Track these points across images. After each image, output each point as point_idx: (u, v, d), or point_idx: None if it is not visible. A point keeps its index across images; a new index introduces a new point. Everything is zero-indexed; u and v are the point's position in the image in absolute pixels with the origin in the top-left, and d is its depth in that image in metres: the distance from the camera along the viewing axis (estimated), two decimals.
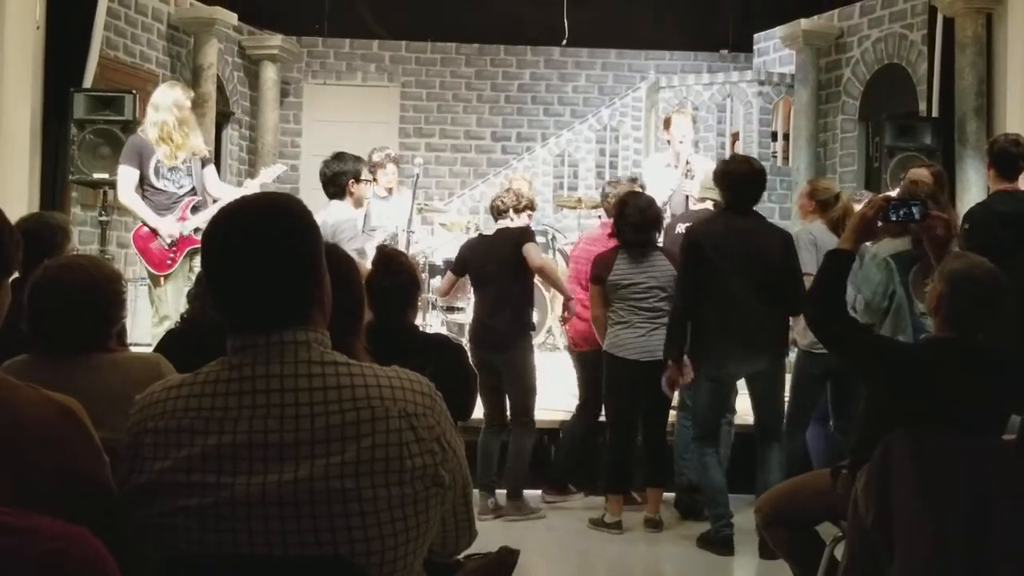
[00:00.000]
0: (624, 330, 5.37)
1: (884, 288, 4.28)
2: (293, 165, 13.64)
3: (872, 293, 4.31)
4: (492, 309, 5.65)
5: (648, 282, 5.34)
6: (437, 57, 13.97)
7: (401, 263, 3.82)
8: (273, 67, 12.94)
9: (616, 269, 5.38)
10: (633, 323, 5.35)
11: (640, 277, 5.35)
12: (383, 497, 1.58)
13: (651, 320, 5.32)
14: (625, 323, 5.37)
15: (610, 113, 12.79)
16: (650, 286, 5.33)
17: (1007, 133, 5.60)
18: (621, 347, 5.36)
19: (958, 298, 3.07)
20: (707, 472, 5.08)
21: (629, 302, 5.36)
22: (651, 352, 5.25)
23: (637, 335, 5.33)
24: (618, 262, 5.39)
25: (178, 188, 6.22)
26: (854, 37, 11.52)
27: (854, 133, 11.52)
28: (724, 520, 5.00)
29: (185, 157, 6.22)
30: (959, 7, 8.92)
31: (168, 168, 6.18)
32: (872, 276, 4.31)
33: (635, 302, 5.35)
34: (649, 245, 5.42)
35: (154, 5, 10.98)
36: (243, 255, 1.66)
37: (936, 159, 8.29)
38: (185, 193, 6.23)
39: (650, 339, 5.29)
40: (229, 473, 1.58)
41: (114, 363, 2.65)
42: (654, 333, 5.28)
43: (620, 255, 5.42)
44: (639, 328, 5.33)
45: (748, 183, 5.01)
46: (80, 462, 1.68)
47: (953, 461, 2.91)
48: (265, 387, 1.62)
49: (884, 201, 3.35)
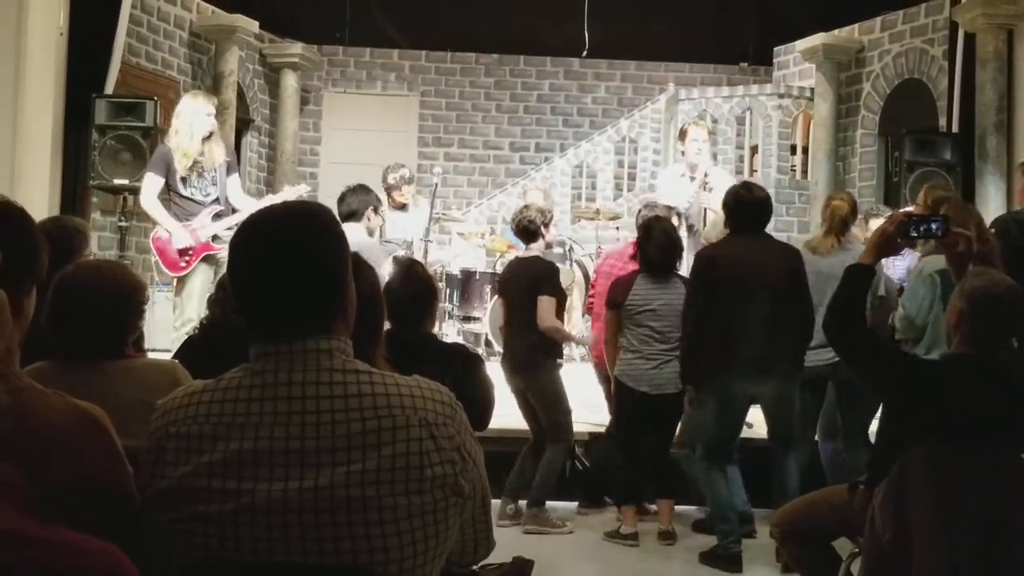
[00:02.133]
0: (637, 359, 5.37)
1: (929, 304, 4.29)
2: (312, 173, 13.71)
3: (917, 309, 4.33)
4: (516, 333, 5.68)
5: (665, 308, 5.33)
6: (457, 67, 14.01)
7: (418, 273, 3.83)
8: (293, 75, 13.00)
9: (634, 293, 5.38)
10: (645, 353, 5.35)
11: (657, 303, 5.35)
12: (403, 506, 1.58)
13: (664, 351, 5.30)
14: (638, 352, 5.37)
15: (629, 124, 12.79)
16: (667, 312, 5.32)
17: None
18: (632, 377, 5.38)
19: (977, 315, 3.06)
20: (713, 488, 5.06)
21: (644, 328, 5.36)
22: (661, 386, 5.29)
23: (649, 367, 5.33)
24: (636, 287, 5.39)
25: (204, 196, 6.35)
26: (874, 51, 11.50)
27: (873, 148, 11.49)
28: (733, 536, 4.96)
29: (208, 166, 6.32)
30: (980, 23, 8.90)
31: (197, 176, 6.31)
32: (917, 291, 4.33)
33: (650, 329, 5.35)
34: (670, 269, 5.42)
35: (176, 12, 11.05)
36: (268, 263, 1.68)
37: (956, 174, 8.30)
38: (211, 202, 6.35)
39: (661, 372, 5.29)
40: (250, 479, 1.59)
41: (131, 370, 2.66)
42: (666, 366, 5.28)
43: (639, 279, 5.41)
44: (651, 360, 5.33)
45: (748, 210, 5.07)
46: (105, 471, 1.69)
47: (970, 479, 2.90)
48: (287, 394, 1.63)
49: (905, 217, 3.35)
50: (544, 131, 14.02)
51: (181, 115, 6.34)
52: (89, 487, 1.65)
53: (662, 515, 5.41)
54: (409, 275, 3.75)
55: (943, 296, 4.14)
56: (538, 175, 12.65)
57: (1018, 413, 3.11)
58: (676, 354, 5.24)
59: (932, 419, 3.05)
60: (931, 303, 4.28)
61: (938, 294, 4.21)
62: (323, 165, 13.82)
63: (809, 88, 11.99)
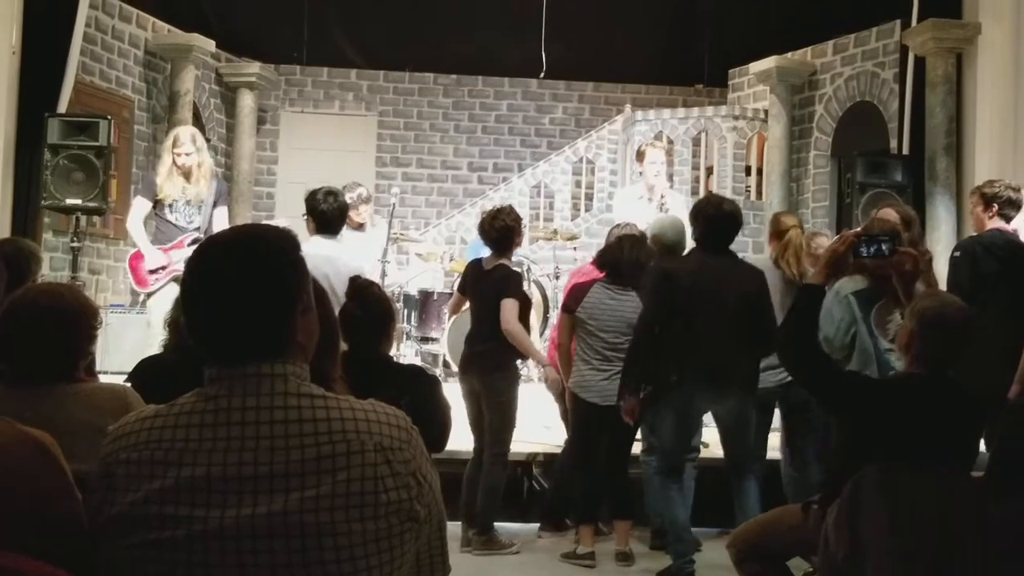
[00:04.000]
0: (589, 370, 5.37)
1: (847, 325, 4.31)
2: (269, 193, 13.65)
3: (835, 330, 4.34)
4: (478, 336, 5.62)
5: (617, 320, 5.32)
6: (415, 87, 14.03)
7: (374, 294, 3.81)
8: (250, 94, 12.94)
9: (587, 302, 5.38)
10: (596, 364, 5.35)
11: (608, 313, 5.35)
12: (358, 531, 1.57)
13: (615, 361, 5.30)
14: (589, 363, 5.38)
15: (586, 145, 12.87)
16: (618, 324, 5.32)
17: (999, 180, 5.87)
18: (584, 388, 5.38)
19: (928, 336, 3.11)
20: (670, 507, 5.06)
21: (595, 339, 5.36)
22: (611, 397, 5.28)
23: (600, 378, 5.33)
24: (590, 295, 5.39)
25: (187, 223, 6.61)
26: (827, 74, 11.67)
27: (826, 169, 11.65)
28: (686, 557, 4.95)
29: (194, 197, 6.60)
30: (930, 47, 9.06)
31: (184, 203, 6.59)
32: (833, 313, 4.35)
33: (602, 340, 5.35)
34: (634, 279, 5.40)
35: (131, 31, 10.98)
36: (218, 285, 1.66)
37: (906, 196, 8.41)
38: (192, 229, 6.59)
39: (612, 383, 5.28)
40: (203, 506, 1.57)
41: (81, 393, 2.63)
42: (616, 377, 5.27)
43: (595, 288, 5.41)
44: (602, 371, 5.33)
45: (716, 223, 5.04)
46: (55, 498, 1.67)
47: (922, 498, 2.93)
48: (240, 419, 1.61)
49: (855, 237, 3.40)
50: (502, 151, 14.07)
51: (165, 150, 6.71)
52: (39, 514, 1.62)
53: (619, 535, 5.41)
54: (365, 297, 3.73)
55: (863, 318, 4.17)
56: (496, 195, 12.68)
57: (968, 431, 3.16)
58: None
59: (884, 438, 3.09)
60: (849, 324, 4.29)
61: (857, 316, 4.23)
62: (280, 185, 13.76)
63: (763, 110, 12.13)
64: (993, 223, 5.51)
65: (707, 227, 5.05)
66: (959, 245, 5.61)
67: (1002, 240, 5.44)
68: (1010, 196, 5.51)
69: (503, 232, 5.56)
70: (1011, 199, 5.52)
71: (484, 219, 5.75)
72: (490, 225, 5.61)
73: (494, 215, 5.65)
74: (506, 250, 5.63)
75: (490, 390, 5.52)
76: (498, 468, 5.55)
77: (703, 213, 5.09)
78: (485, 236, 5.67)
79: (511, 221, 5.58)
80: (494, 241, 5.62)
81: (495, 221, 5.59)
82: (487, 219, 5.69)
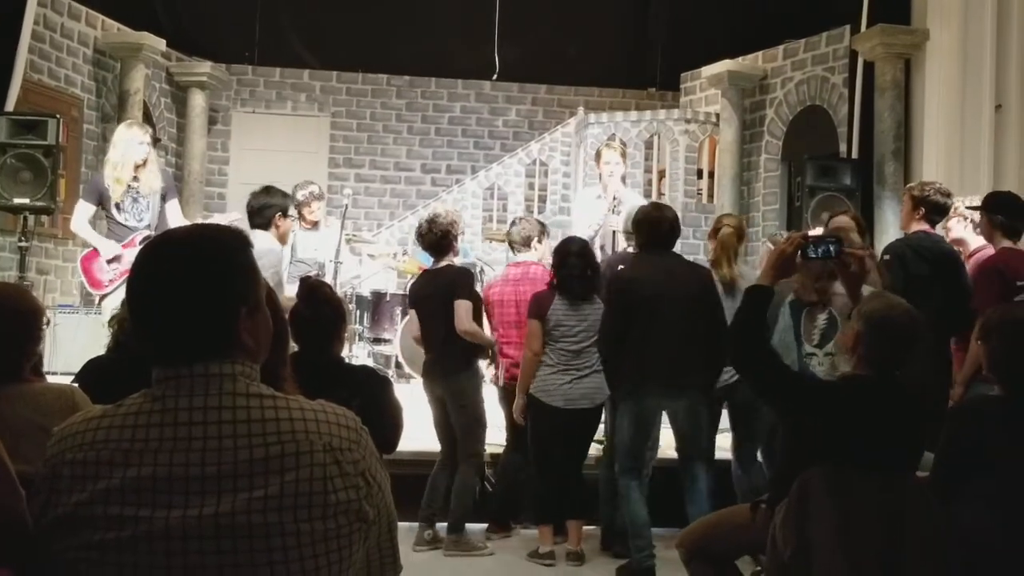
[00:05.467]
0: (551, 375, 5.42)
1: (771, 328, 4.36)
2: (220, 193, 13.53)
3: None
4: (436, 343, 5.64)
5: (582, 325, 5.40)
6: (368, 88, 13.97)
7: (324, 294, 3.80)
8: (201, 94, 12.83)
9: (553, 309, 5.43)
10: (560, 368, 5.39)
11: (575, 318, 5.41)
12: (306, 532, 1.57)
13: (579, 367, 5.37)
14: (552, 367, 5.41)
15: (539, 147, 12.89)
16: (582, 329, 5.39)
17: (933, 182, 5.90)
18: (547, 392, 5.41)
19: (875, 338, 3.15)
20: (630, 505, 5.13)
21: (560, 344, 5.41)
22: (574, 401, 5.35)
23: (562, 382, 5.39)
24: (555, 306, 5.43)
25: (137, 222, 6.51)
26: (777, 79, 11.78)
27: (777, 172, 11.76)
28: (647, 551, 5.04)
29: (144, 192, 6.50)
30: (879, 52, 9.19)
31: (131, 202, 6.48)
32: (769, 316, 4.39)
33: (566, 344, 5.40)
34: (587, 292, 5.46)
35: (80, 29, 10.84)
36: (165, 285, 1.65)
37: (855, 200, 8.53)
38: (144, 227, 6.47)
39: (575, 387, 5.35)
40: (149, 506, 1.55)
41: (27, 394, 2.60)
42: (579, 381, 5.35)
43: (557, 299, 5.45)
44: (565, 375, 5.39)
45: (657, 229, 5.16)
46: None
47: (868, 498, 2.97)
48: (188, 419, 1.60)
49: (802, 239, 3.44)
50: (455, 153, 14.06)
51: (116, 145, 6.54)
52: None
53: (571, 536, 5.45)
54: (314, 297, 3.72)
55: (794, 325, 4.22)
56: (449, 197, 12.67)
57: (913, 432, 3.21)
58: (591, 370, 5.35)
59: (831, 438, 3.12)
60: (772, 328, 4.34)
61: (787, 322, 4.27)
62: (231, 186, 13.63)
63: (715, 113, 12.22)
64: (918, 225, 5.54)
65: (646, 233, 5.18)
66: (888, 248, 5.65)
67: (929, 242, 5.48)
68: (938, 201, 5.53)
69: (436, 241, 5.69)
70: (939, 204, 5.54)
71: (420, 225, 5.89)
72: (425, 233, 5.74)
73: (429, 223, 5.78)
74: (444, 253, 5.71)
75: (455, 394, 5.56)
76: (472, 469, 5.62)
77: (642, 221, 5.24)
78: (422, 242, 5.79)
79: (446, 228, 5.69)
80: (429, 248, 5.78)
81: (430, 229, 5.72)
82: (424, 225, 5.82)
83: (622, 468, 5.18)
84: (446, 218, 5.78)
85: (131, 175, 6.45)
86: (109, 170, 6.50)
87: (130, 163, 6.45)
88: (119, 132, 6.73)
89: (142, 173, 6.49)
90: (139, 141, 6.51)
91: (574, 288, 5.43)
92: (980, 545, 3.02)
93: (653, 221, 5.20)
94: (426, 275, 5.96)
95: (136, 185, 6.48)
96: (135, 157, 6.46)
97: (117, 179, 6.43)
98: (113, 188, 6.43)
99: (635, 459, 5.15)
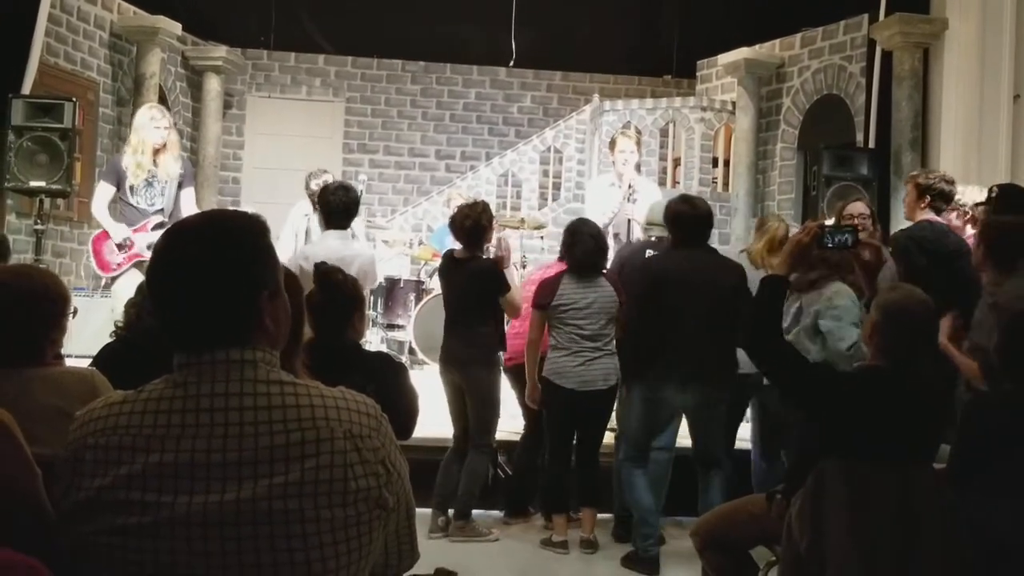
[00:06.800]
0: (564, 357, 5.40)
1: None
2: (235, 178, 13.56)
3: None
4: (459, 329, 5.64)
5: (592, 307, 5.38)
6: (383, 74, 13.97)
7: (338, 280, 3.80)
8: (217, 78, 12.84)
9: (560, 294, 5.42)
10: (573, 350, 5.38)
11: (584, 301, 5.39)
12: (326, 518, 1.57)
13: (591, 349, 5.36)
14: (566, 350, 5.40)
15: (554, 134, 12.87)
16: (593, 311, 5.37)
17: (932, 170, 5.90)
18: (560, 375, 5.40)
19: (892, 328, 3.13)
20: (634, 492, 5.13)
21: (571, 327, 5.40)
22: (588, 383, 5.33)
23: (576, 364, 5.37)
24: (562, 287, 5.43)
25: (149, 206, 6.47)
26: (794, 67, 11.73)
27: (792, 161, 11.72)
28: (651, 540, 5.04)
29: (161, 177, 6.46)
30: (897, 41, 9.14)
31: (145, 185, 6.44)
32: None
33: (577, 327, 5.39)
34: (596, 271, 5.46)
35: (96, 12, 10.85)
36: (183, 270, 1.65)
37: (872, 189, 8.49)
38: (155, 211, 6.44)
39: (588, 369, 5.34)
40: (170, 492, 1.56)
41: (47, 378, 2.60)
42: (593, 363, 5.33)
43: (565, 279, 5.45)
44: (578, 357, 5.37)
45: (691, 225, 5.13)
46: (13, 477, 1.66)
47: (884, 489, 2.97)
48: (209, 406, 1.60)
49: (819, 228, 3.42)
50: (470, 139, 14.05)
51: (136, 129, 6.51)
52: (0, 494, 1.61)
53: (585, 524, 5.45)
54: (330, 283, 3.72)
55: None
56: (463, 183, 12.66)
57: (930, 424, 3.20)
58: (604, 352, 5.33)
59: (848, 430, 3.11)
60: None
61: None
62: (246, 170, 13.67)
63: (731, 102, 12.19)
64: (923, 214, 5.50)
65: (680, 229, 5.14)
66: (891, 240, 5.62)
67: (931, 232, 5.42)
68: (943, 189, 5.50)
69: (472, 229, 5.62)
70: (943, 191, 5.51)
71: (457, 214, 5.79)
72: (461, 220, 5.66)
73: (465, 210, 5.72)
74: (477, 246, 5.69)
75: (473, 382, 5.56)
76: (483, 457, 5.62)
77: (676, 215, 5.16)
78: (459, 230, 5.69)
79: (485, 221, 5.64)
80: (463, 235, 5.67)
81: (466, 216, 5.64)
82: (460, 215, 5.73)
83: (626, 455, 5.20)
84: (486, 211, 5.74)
85: (151, 159, 6.43)
86: (129, 152, 6.49)
87: (149, 147, 6.42)
88: (139, 115, 6.70)
89: (161, 157, 6.47)
90: (157, 124, 6.48)
91: (580, 261, 5.42)
92: (997, 537, 3.01)
93: (687, 218, 5.16)
94: (455, 263, 5.79)
95: (154, 170, 6.46)
96: (153, 140, 6.44)
97: (138, 163, 6.41)
98: (133, 171, 6.41)
99: (641, 448, 5.15)
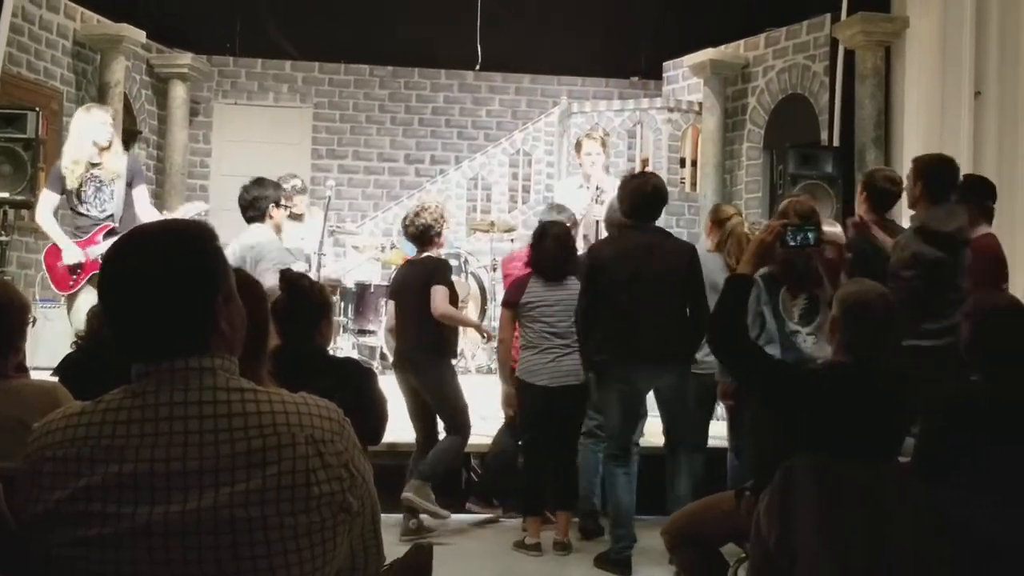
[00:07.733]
0: (535, 355, 5.42)
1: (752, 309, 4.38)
2: (203, 185, 13.47)
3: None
4: (411, 332, 5.66)
5: (560, 304, 5.40)
6: (351, 79, 13.93)
7: (304, 286, 3.79)
8: (182, 86, 12.76)
9: (529, 292, 5.44)
10: (543, 347, 5.40)
11: (552, 298, 5.42)
12: (289, 525, 1.57)
13: (561, 346, 5.38)
14: (535, 347, 5.42)
15: (523, 137, 12.88)
16: (562, 307, 5.39)
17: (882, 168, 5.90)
18: (532, 373, 5.42)
19: (851, 324, 3.16)
20: (616, 491, 5.15)
21: (540, 324, 5.42)
22: (560, 378, 5.34)
23: (546, 360, 5.39)
24: (531, 286, 5.45)
25: (100, 212, 6.28)
26: (759, 67, 11.80)
27: (759, 161, 11.78)
28: (626, 541, 5.06)
29: (105, 178, 6.25)
30: (859, 40, 9.21)
31: (94, 192, 6.23)
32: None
33: (546, 325, 5.40)
34: (561, 276, 5.48)
35: (59, 21, 10.76)
36: (139, 282, 1.65)
37: (837, 187, 8.54)
38: (105, 218, 6.27)
39: (559, 364, 5.35)
40: (130, 503, 1.55)
41: (9, 390, 2.59)
42: (564, 358, 5.35)
43: (533, 279, 5.47)
44: (549, 353, 5.39)
45: (642, 197, 5.14)
46: None
47: (851, 484, 2.99)
48: (168, 415, 1.60)
49: (781, 227, 3.44)
50: (439, 143, 14.02)
51: (72, 128, 6.34)
52: None
53: (559, 526, 5.46)
54: (294, 289, 3.72)
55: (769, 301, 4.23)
56: (433, 187, 12.65)
57: (894, 418, 3.22)
58: (574, 348, 5.34)
59: (813, 426, 3.14)
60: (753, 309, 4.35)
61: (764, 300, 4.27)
62: (214, 178, 13.58)
63: (697, 102, 12.23)
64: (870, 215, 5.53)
65: (630, 202, 5.15)
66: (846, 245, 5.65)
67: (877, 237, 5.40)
68: (886, 188, 5.47)
69: (420, 232, 5.71)
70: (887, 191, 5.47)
71: (406, 216, 5.90)
72: (409, 224, 5.78)
73: (415, 214, 5.80)
74: (427, 245, 5.75)
75: (429, 383, 5.57)
76: (460, 441, 5.64)
77: (627, 188, 5.20)
78: (406, 233, 5.84)
79: (430, 222, 5.70)
80: (413, 238, 5.80)
81: (414, 220, 5.74)
82: (409, 216, 5.84)
83: (609, 454, 5.22)
84: (433, 212, 5.81)
85: (89, 154, 6.18)
86: (65, 158, 6.25)
87: (87, 143, 6.19)
88: (77, 117, 6.47)
89: (105, 157, 6.24)
90: (100, 122, 6.26)
91: (548, 269, 5.44)
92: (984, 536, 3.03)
93: (635, 188, 5.19)
94: (406, 265, 6.02)
95: (99, 174, 6.25)
96: (98, 138, 6.20)
97: (75, 160, 6.17)
98: (71, 170, 6.17)
99: (623, 446, 5.17)
